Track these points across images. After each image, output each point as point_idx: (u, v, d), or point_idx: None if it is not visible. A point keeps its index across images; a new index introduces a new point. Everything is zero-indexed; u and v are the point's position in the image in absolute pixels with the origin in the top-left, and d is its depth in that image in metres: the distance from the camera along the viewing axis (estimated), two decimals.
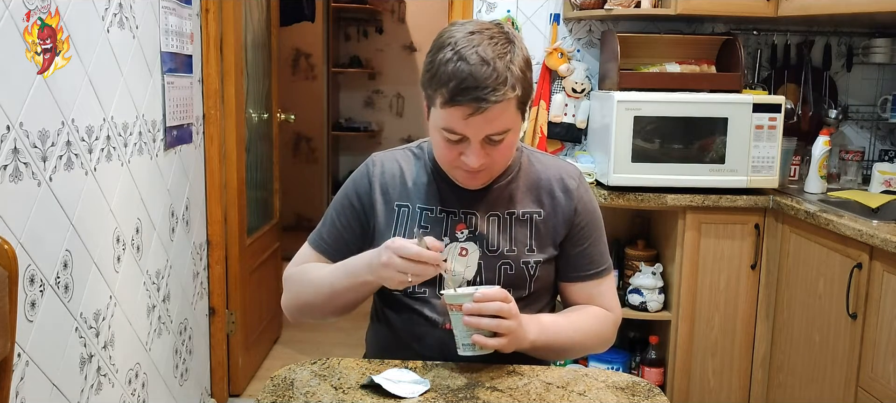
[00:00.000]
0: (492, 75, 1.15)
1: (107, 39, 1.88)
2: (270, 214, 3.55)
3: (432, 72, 1.20)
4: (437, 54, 1.20)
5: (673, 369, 2.57)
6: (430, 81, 1.21)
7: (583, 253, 1.37)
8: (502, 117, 1.19)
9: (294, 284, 1.39)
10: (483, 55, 1.16)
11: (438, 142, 1.26)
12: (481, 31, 1.19)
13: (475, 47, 1.16)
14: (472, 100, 1.16)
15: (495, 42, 1.18)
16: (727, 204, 2.46)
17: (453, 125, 1.20)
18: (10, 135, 1.47)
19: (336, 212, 1.40)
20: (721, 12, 2.59)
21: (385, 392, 1.11)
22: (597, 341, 1.37)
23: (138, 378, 2.15)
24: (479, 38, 1.18)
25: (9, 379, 1.19)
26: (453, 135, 1.22)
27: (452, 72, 1.16)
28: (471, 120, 1.18)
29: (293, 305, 1.39)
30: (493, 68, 1.15)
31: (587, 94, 2.88)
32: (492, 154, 1.24)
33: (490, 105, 1.16)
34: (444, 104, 1.19)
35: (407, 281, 1.16)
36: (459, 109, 1.17)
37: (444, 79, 1.17)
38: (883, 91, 2.91)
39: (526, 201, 1.35)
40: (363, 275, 1.25)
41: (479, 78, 1.15)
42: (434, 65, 1.19)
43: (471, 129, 1.20)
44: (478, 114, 1.17)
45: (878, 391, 1.92)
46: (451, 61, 1.17)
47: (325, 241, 1.40)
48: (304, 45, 5.47)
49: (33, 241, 1.55)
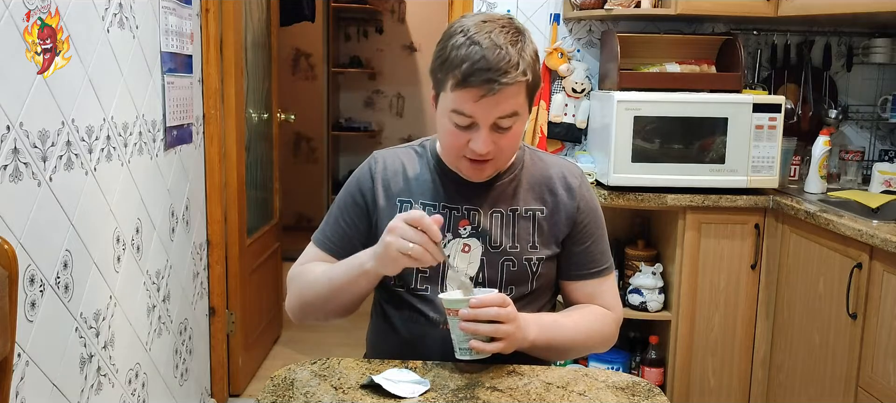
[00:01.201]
0: (505, 58, 1.17)
1: (107, 39, 1.88)
2: (270, 214, 3.55)
3: (444, 56, 1.22)
4: (448, 41, 1.22)
5: (673, 369, 2.57)
6: (441, 65, 1.23)
7: (585, 251, 1.38)
8: (512, 101, 1.20)
9: (296, 285, 1.38)
10: (495, 40, 1.18)
11: (447, 128, 1.26)
12: (493, 20, 1.22)
13: (488, 33, 1.19)
14: (485, 82, 1.17)
15: (507, 30, 1.21)
16: (727, 204, 2.46)
17: (463, 107, 1.21)
18: (10, 135, 1.47)
19: (340, 210, 1.40)
20: (721, 12, 2.59)
21: (385, 392, 1.11)
22: (598, 340, 1.37)
23: (138, 378, 2.15)
24: (491, 26, 1.21)
25: (9, 379, 1.19)
26: (463, 118, 1.22)
27: (465, 54, 1.18)
28: (482, 101, 1.19)
29: (296, 306, 1.39)
30: (505, 51, 1.18)
31: (587, 94, 2.88)
32: (499, 142, 1.24)
33: (502, 87, 1.17)
34: (456, 86, 1.20)
35: (408, 255, 1.14)
36: (471, 91, 1.18)
37: (456, 62, 1.19)
38: (883, 91, 2.91)
39: (529, 198, 1.36)
40: (363, 264, 1.24)
41: (491, 60, 1.17)
42: (446, 50, 1.22)
43: (481, 112, 1.20)
44: (489, 95, 1.18)
45: (878, 391, 1.93)
46: (463, 45, 1.19)
47: (329, 240, 1.40)
48: (304, 45, 5.47)
49: (33, 241, 1.55)
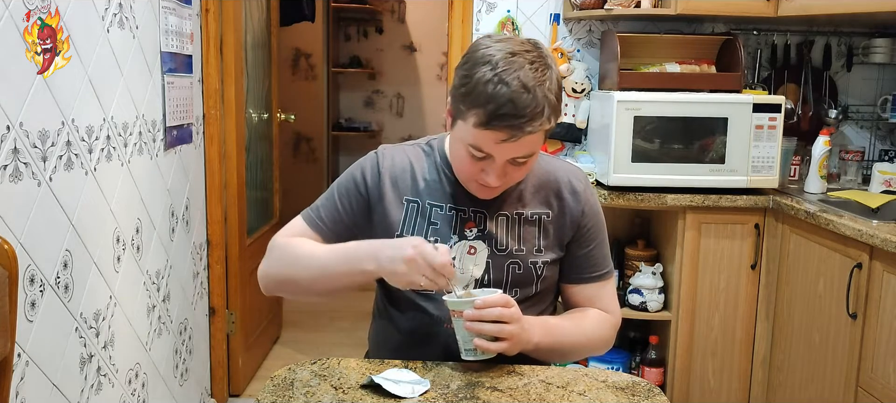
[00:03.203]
0: (531, 104, 1.13)
1: (107, 39, 1.88)
2: (270, 214, 3.55)
3: (469, 88, 1.17)
4: (474, 70, 1.16)
5: (673, 369, 2.57)
6: (465, 97, 1.18)
7: (587, 255, 1.38)
8: (533, 144, 1.19)
9: (279, 255, 1.35)
10: (524, 81, 1.13)
11: (461, 155, 1.24)
12: (521, 54, 1.16)
13: (517, 72, 1.14)
14: (509, 128, 1.14)
15: (535, 67, 1.15)
16: (727, 204, 2.46)
17: (483, 146, 1.19)
18: (10, 135, 1.47)
19: (339, 194, 1.38)
20: (721, 12, 2.59)
21: (385, 392, 1.11)
22: (598, 343, 1.38)
23: (138, 378, 2.15)
24: (520, 62, 1.15)
25: (9, 379, 1.19)
26: (480, 152, 1.20)
27: (492, 94, 1.13)
28: (503, 144, 1.17)
29: (272, 275, 1.35)
30: (532, 96, 1.13)
31: (587, 94, 2.88)
32: (511, 173, 1.24)
33: (525, 134, 1.15)
34: (478, 125, 1.16)
35: (419, 284, 1.15)
36: (494, 134, 1.16)
37: (481, 100, 1.15)
38: (883, 91, 2.91)
39: (534, 202, 1.36)
40: (364, 264, 1.21)
41: (519, 106, 1.13)
42: (471, 81, 1.16)
43: (499, 152, 1.19)
44: (512, 141, 1.16)
45: (878, 391, 1.93)
46: (490, 82, 1.14)
47: (322, 220, 1.37)
48: (304, 45, 5.47)
49: (33, 241, 1.55)
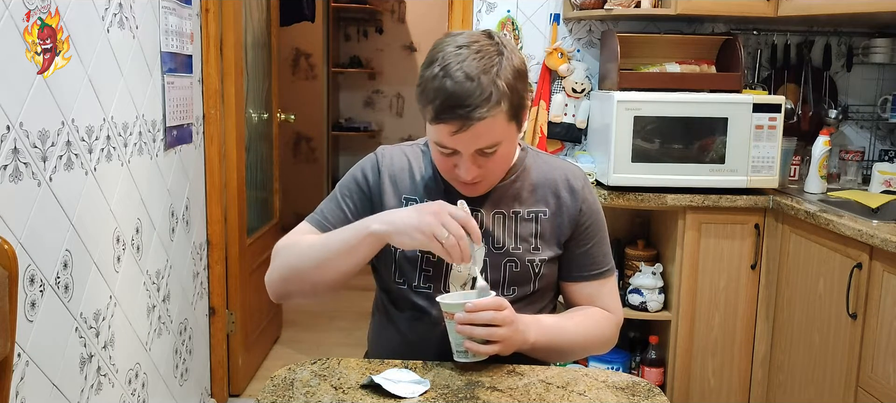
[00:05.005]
0: (476, 91, 1.15)
1: (107, 39, 1.88)
2: (270, 214, 3.55)
3: (422, 87, 1.21)
4: (426, 69, 1.21)
5: (673, 369, 2.58)
6: (419, 96, 1.23)
7: (586, 253, 1.38)
8: (490, 132, 1.20)
9: (284, 255, 1.34)
10: (467, 71, 1.16)
11: (434, 153, 1.28)
12: (469, 45, 1.19)
13: (461, 63, 1.16)
14: (457, 118, 1.17)
15: (482, 56, 1.18)
16: (727, 204, 2.46)
17: (442, 140, 1.22)
18: (10, 135, 1.47)
19: (342, 194, 1.39)
20: (721, 12, 2.59)
21: (385, 392, 1.11)
22: (598, 342, 1.38)
23: (138, 378, 2.15)
24: (466, 53, 1.18)
25: (9, 379, 1.19)
26: (444, 148, 1.23)
27: (437, 89, 1.17)
28: (458, 136, 1.19)
29: (278, 277, 1.34)
30: (476, 83, 1.15)
31: (587, 94, 2.88)
32: (485, 165, 1.25)
33: (474, 122, 1.16)
34: (432, 120, 1.20)
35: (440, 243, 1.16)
36: (446, 127, 1.19)
37: (430, 96, 1.19)
38: (883, 91, 2.91)
39: (531, 200, 1.36)
40: (371, 224, 1.22)
41: (461, 95, 1.15)
42: (423, 80, 1.21)
43: (460, 144, 1.21)
44: (464, 131, 1.18)
45: (878, 391, 1.93)
46: (436, 77, 1.17)
47: (327, 220, 1.38)
48: (304, 44, 5.47)
49: (33, 241, 1.55)
